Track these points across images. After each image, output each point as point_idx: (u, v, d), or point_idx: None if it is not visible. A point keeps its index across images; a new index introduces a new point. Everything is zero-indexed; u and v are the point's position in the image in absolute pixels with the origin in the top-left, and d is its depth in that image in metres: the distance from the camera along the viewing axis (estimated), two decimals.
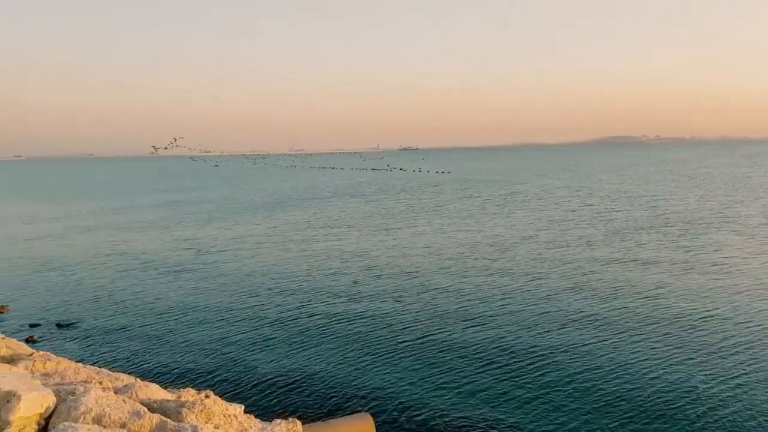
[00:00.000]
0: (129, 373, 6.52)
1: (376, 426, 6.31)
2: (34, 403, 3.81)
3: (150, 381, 5.77)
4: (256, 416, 5.49)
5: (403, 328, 17.63)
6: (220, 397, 5.25)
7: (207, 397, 4.98)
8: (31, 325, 19.29)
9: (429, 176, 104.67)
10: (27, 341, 16.71)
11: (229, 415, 4.71)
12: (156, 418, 4.08)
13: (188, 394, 5.42)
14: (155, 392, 5.14)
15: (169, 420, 4.13)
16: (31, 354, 5.92)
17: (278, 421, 5.27)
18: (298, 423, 5.36)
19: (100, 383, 5.05)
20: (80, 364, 5.71)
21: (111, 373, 5.72)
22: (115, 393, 4.68)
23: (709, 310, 18.59)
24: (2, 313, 20.91)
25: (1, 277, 27.53)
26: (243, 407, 5.26)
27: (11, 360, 5.56)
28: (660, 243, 30.45)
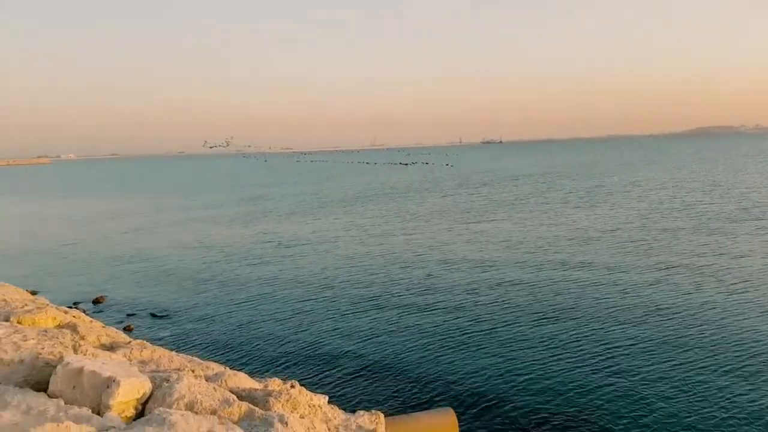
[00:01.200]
0: (218, 362, 6.75)
1: (459, 420, 6.26)
2: (132, 388, 3.99)
3: (238, 370, 5.95)
4: (339, 407, 5.55)
5: (484, 322, 17.43)
6: (304, 387, 5.34)
7: (292, 387, 5.07)
8: (128, 315, 20.38)
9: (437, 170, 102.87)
10: (125, 330, 17.69)
11: (313, 405, 4.78)
12: (245, 406, 4.19)
13: (274, 383, 5.54)
14: (243, 381, 5.29)
15: (257, 408, 4.23)
16: (129, 342, 6.22)
17: (361, 412, 5.31)
18: (381, 415, 5.38)
19: (193, 371, 5.24)
20: (173, 353, 5.95)
21: (202, 361, 5.94)
22: (206, 381, 4.84)
23: None
24: (100, 302, 22.22)
25: (98, 268, 29.24)
26: (327, 398, 5.33)
27: (111, 347, 5.86)
28: (749, 236, 28.66)
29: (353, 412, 5.35)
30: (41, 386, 4.21)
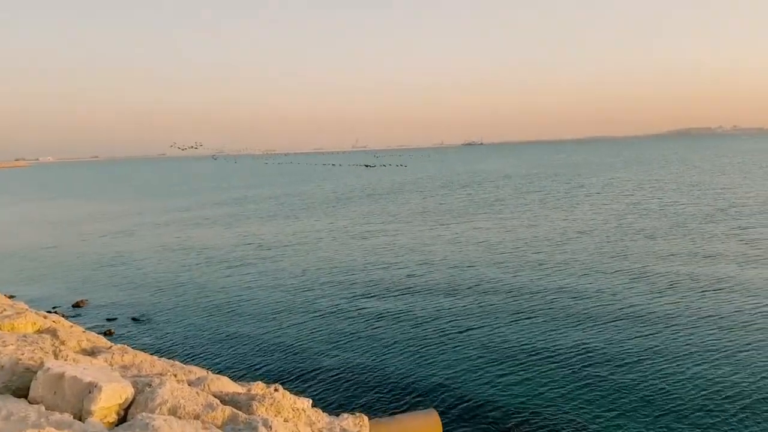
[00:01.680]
0: (201, 366, 6.72)
1: (442, 421, 6.30)
2: (114, 393, 3.96)
3: (220, 374, 5.93)
4: (323, 410, 5.56)
5: (465, 323, 17.50)
6: (288, 391, 5.34)
7: (276, 390, 5.08)
8: (108, 319, 20.15)
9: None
10: (105, 334, 17.49)
11: (297, 409, 4.79)
12: (228, 410, 4.18)
13: (258, 387, 5.53)
14: (226, 385, 5.28)
15: (240, 412, 4.23)
16: (110, 347, 6.17)
17: (345, 415, 5.32)
18: (365, 418, 5.39)
19: (175, 376, 5.22)
20: (155, 357, 5.93)
21: (184, 366, 5.91)
22: (189, 385, 4.83)
23: None
24: (80, 307, 21.96)
25: (78, 271, 28.90)
26: (311, 401, 5.34)
27: (92, 352, 5.81)
28: (726, 235, 29.13)
29: (337, 415, 5.36)
30: (22, 392, 4.17)
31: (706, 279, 21.30)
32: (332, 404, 12.33)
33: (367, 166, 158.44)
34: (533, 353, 14.89)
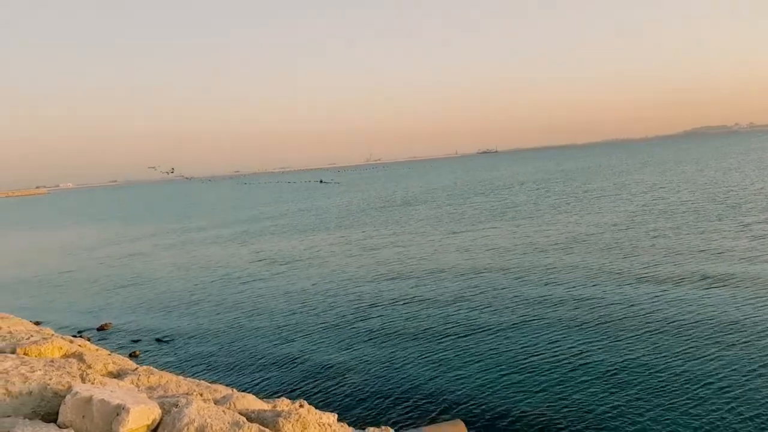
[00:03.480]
0: (225, 385, 6.75)
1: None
2: (141, 415, 4.00)
3: (245, 392, 5.95)
4: (348, 424, 5.55)
5: (489, 333, 17.39)
6: (313, 406, 5.34)
7: (301, 406, 5.08)
8: (133, 341, 20.32)
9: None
10: (131, 356, 17.64)
11: (323, 424, 4.78)
12: (255, 427, 4.19)
13: (283, 404, 5.55)
14: (252, 403, 5.30)
15: (267, 429, 4.23)
16: (136, 369, 6.22)
17: (371, 429, 5.31)
18: (390, 430, 5.37)
19: (201, 395, 5.24)
20: (181, 377, 5.96)
21: (210, 384, 5.94)
22: (215, 404, 4.85)
23: None
24: (105, 330, 22.15)
25: (100, 295, 29.22)
26: (336, 416, 5.33)
27: (118, 375, 5.87)
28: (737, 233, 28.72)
29: (363, 428, 5.34)
30: (51, 417, 4.22)
31: (722, 277, 21.02)
32: (357, 418, 12.28)
33: (321, 181, 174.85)
34: (558, 361, 14.73)
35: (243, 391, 6.11)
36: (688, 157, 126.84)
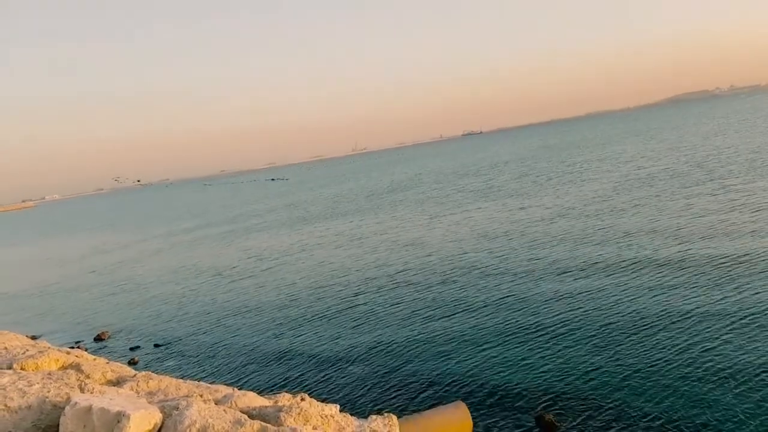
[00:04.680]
0: (226, 384, 6.75)
1: (471, 413, 6.30)
2: (142, 421, 3.99)
3: (246, 390, 5.96)
4: (351, 414, 5.57)
5: (486, 313, 17.48)
6: (314, 398, 5.36)
7: (302, 400, 5.09)
8: (131, 348, 20.27)
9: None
10: (130, 363, 17.60)
11: (326, 416, 4.80)
12: (257, 424, 4.20)
13: (284, 398, 5.55)
14: (253, 400, 5.31)
15: (269, 425, 4.25)
16: (134, 375, 6.21)
17: (374, 417, 5.33)
18: (394, 417, 5.40)
19: (201, 396, 5.24)
20: (180, 380, 5.95)
21: (209, 385, 5.94)
22: (216, 404, 4.85)
23: None
24: (103, 339, 22.08)
25: (95, 304, 29.10)
26: (338, 407, 5.35)
27: (117, 382, 5.85)
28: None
29: (366, 417, 5.37)
30: (51, 430, 4.21)
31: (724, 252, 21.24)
32: (360, 407, 12.35)
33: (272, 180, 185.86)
34: (559, 339, 14.82)
35: (243, 389, 6.11)
36: (668, 125, 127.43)
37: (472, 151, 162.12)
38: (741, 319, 14.00)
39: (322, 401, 5.33)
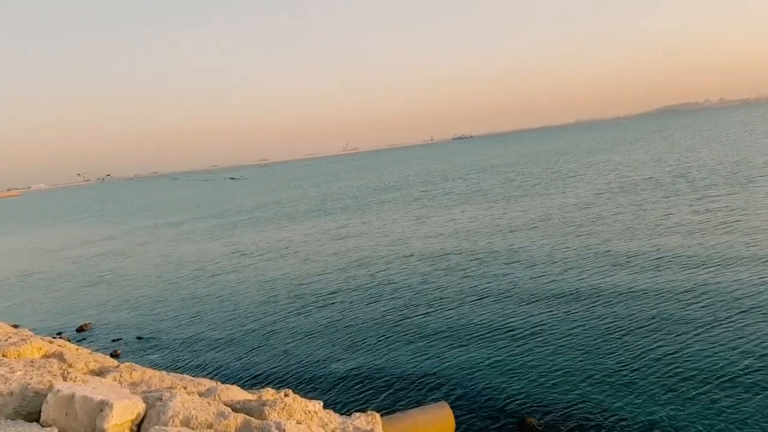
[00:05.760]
0: (209, 378, 6.73)
1: (454, 413, 6.32)
2: (125, 410, 3.98)
3: (229, 384, 5.94)
4: (335, 411, 5.57)
5: (469, 314, 17.54)
6: (298, 395, 5.36)
7: (286, 395, 5.09)
8: (114, 340, 20.12)
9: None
10: (112, 355, 17.47)
11: (309, 411, 4.81)
12: (240, 417, 4.20)
13: (268, 393, 5.55)
14: (237, 394, 5.30)
15: (252, 419, 4.24)
16: (118, 366, 6.17)
17: (357, 414, 5.34)
18: (377, 415, 5.41)
19: (185, 388, 5.23)
20: (164, 372, 5.93)
21: (193, 378, 5.92)
22: (200, 396, 4.84)
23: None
24: (85, 330, 21.90)
25: (78, 295, 28.87)
26: (321, 403, 5.35)
27: (100, 373, 5.82)
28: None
29: (349, 414, 5.38)
30: (33, 416, 4.18)
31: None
32: (343, 405, 12.35)
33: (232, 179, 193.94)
34: (541, 340, 14.91)
35: (227, 383, 6.10)
36: (659, 135, 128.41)
37: (462, 155, 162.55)
38: (719, 322, 14.14)
39: (306, 397, 5.33)
